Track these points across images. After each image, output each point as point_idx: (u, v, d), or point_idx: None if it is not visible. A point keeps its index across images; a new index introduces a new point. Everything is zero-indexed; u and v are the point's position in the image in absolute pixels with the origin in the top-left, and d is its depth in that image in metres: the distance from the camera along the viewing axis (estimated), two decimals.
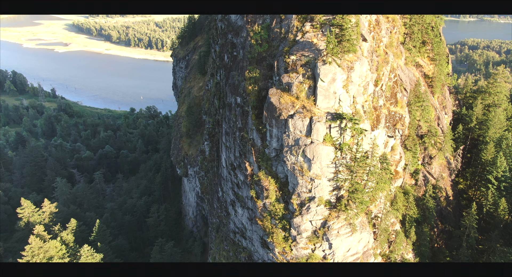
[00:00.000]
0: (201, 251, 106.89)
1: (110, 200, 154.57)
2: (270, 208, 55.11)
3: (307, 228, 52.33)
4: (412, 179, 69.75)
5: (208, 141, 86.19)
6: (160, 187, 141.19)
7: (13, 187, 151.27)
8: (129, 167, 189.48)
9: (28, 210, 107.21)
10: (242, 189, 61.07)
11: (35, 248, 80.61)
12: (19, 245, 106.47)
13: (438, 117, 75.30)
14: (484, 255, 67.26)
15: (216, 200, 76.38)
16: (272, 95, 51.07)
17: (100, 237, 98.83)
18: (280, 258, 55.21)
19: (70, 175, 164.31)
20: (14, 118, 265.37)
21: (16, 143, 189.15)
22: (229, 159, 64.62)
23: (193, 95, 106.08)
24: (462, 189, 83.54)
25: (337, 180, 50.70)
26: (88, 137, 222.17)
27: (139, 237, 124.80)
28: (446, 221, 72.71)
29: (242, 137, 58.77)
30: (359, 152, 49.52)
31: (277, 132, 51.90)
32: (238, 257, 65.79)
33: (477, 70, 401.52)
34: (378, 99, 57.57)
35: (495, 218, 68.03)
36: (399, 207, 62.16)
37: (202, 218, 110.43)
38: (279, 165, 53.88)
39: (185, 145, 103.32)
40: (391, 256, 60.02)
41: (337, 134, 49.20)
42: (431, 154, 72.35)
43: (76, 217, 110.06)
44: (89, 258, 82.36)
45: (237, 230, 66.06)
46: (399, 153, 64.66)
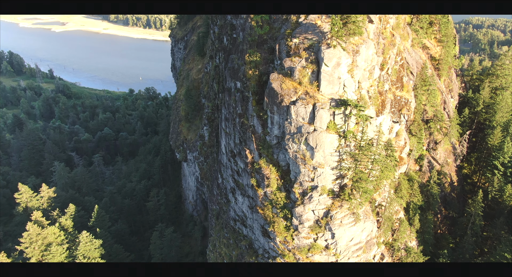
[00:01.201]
0: (201, 236, 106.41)
1: (110, 183, 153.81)
2: (271, 197, 53.57)
3: (309, 217, 50.90)
4: (417, 165, 68.09)
5: (207, 126, 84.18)
6: (160, 171, 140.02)
7: (11, 171, 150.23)
8: (128, 150, 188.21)
9: (26, 195, 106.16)
10: (243, 177, 59.43)
11: (33, 235, 79.74)
12: (19, 228, 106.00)
13: (444, 101, 73.06)
14: (488, 242, 66.34)
15: (216, 186, 74.94)
16: (274, 80, 48.75)
17: (99, 222, 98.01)
18: (282, 247, 54.04)
19: (69, 158, 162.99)
20: (11, 99, 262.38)
21: (13, 125, 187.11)
22: (228, 145, 62.75)
23: (192, 78, 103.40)
24: (466, 174, 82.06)
25: (340, 168, 48.94)
26: (86, 119, 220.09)
27: (139, 221, 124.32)
28: (450, 207, 71.49)
29: (242, 123, 56.72)
30: (364, 140, 47.61)
31: (278, 119, 49.82)
32: (239, 245, 64.75)
33: (481, 50, 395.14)
34: (384, 83, 55.26)
35: (500, 205, 66.82)
36: (403, 195, 60.70)
37: (202, 202, 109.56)
38: (281, 153, 52.04)
39: (184, 129, 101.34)
40: (394, 245, 58.89)
41: (341, 121, 47.14)
42: (437, 140, 70.45)
43: (74, 202, 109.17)
44: (88, 244, 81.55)
45: (237, 217, 64.81)
46: (403, 139, 62.75)
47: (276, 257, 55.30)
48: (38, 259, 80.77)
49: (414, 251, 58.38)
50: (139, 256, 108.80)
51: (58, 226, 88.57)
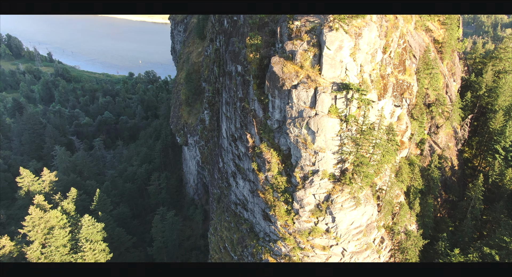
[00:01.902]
0: (203, 219, 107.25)
1: (111, 167, 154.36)
2: (272, 181, 53.65)
3: (310, 201, 51.10)
4: (418, 149, 67.98)
5: (208, 110, 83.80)
6: (161, 155, 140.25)
7: (13, 155, 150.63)
8: (129, 134, 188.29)
9: (28, 179, 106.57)
10: (243, 161, 59.42)
11: (35, 219, 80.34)
12: (21, 212, 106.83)
13: (447, 85, 72.44)
14: (487, 225, 66.79)
15: (217, 170, 75.07)
16: (275, 63, 48.19)
17: (101, 206, 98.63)
18: (282, 231, 54.44)
19: (69, 142, 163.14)
20: (11, 83, 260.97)
21: (13, 109, 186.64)
22: (229, 129, 62.53)
23: (192, 61, 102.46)
24: (467, 158, 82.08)
25: (341, 153, 48.85)
26: (86, 103, 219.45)
27: (140, 205, 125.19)
28: (450, 191, 71.71)
29: (243, 107, 56.37)
30: (366, 124, 47.39)
31: (279, 103, 49.45)
32: (240, 228, 65.23)
33: (484, 33, 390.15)
34: (386, 67, 54.57)
35: (501, 189, 67.02)
36: (404, 179, 60.77)
37: (203, 186, 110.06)
38: (282, 137, 51.86)
39: (185, 113, 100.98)
40: (394, 228, 59.29)
41: (343, 105, 46.80)
42: (438, 124, 70.15)
43: (76, 186, 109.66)
44: (90, 227, 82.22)
45: (238, 201, 65.09)
46: (405, 123, 62.43)
47: (277, 240, 55.77)
48: (41, 242, 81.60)
49: (414, 235, 58.83)
50: (141, 239, 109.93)
51: (60, 210, 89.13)
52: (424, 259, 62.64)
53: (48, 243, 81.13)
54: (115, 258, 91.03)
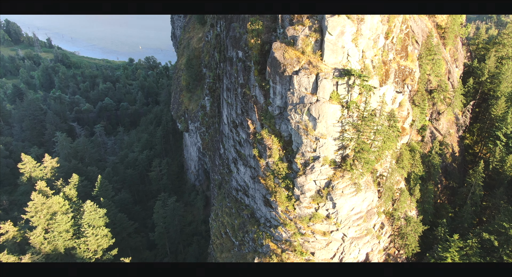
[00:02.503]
0: (204, 205, 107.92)
1: (112, 153, 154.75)
2: (273, 167, 53.80)
3: (310, 187, 51.32)
4: (419, 136, 67.93)
5: (208, 96, 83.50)
6: (161, 141, 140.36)
7: (14, 141, 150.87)
8: (130, 120, 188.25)
9: (30, 165, 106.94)
10: (244, 147, 59.49)
11: (38, 204, 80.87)
12: (24, 198, 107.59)
13: (449, 71, 71.95)
14: (487, 211, 67.13)
15: (218, 157, 75.22)
16: (276, 49, 47.78)
17: (103, 192, 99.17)
18: (283, 217, 54.84)
19: (70, 128, 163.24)
20: (10, 69, 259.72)
21: (13, 95, 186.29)
22: (230, 116, 62.42)
23: (193, 47, 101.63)
24: (468, 144, 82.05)
25: (343, 139, 48.84)
26: (87, 89, 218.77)
27: (142, 191, 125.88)
28: (450, 177, 71.90)
29: (244, 93, 56.15)
30: (367, 111, 47.25)
31: (281, 89, 49.23)
32: (241, 214, 65.70)
33: (488, 18, 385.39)
34: (388, 52, 54.11)
35: (501, 175, 67.15)
36: (404, 165, 60.89)
37: (204, 172, 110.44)
38: (283, 124, 51.79)
39: (185, 99, 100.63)
40: (394, 214, 59.67)
41: (345, 91, 46.58)
42: (440, 110, 69.93)
43: (77, 172, 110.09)
44: (92, 213, 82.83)
45: (239, 187, 65.40)
46: (406, 109, 62.23)
47: (277, 226, 56.22)
48: (44, 227, 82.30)
49: (413, 221, 59.23)
50: (143, 224, 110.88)
51: (63, 196, 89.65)
52: (424, 245, 63.21)
53: (51, 229, 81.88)
54: (117, 243, 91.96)
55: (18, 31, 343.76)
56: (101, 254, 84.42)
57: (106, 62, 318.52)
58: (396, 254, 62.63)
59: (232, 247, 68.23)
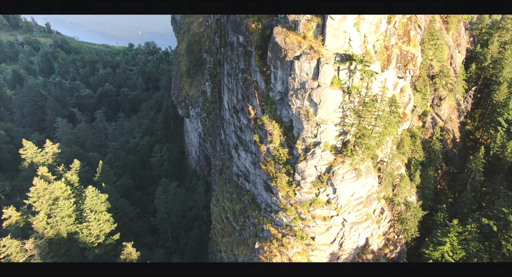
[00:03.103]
0: (205, 190, 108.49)
1: (113, 139, 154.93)
2: (274, 152, 53.90)
3: (311, 173, 51.50)
4: (420, 121, 67.81)
5: (209, 81, 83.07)
6: (162, 127, 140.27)
7: (15, 127, 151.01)
8: (130, 106, 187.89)
9: (31, 151, 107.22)
10: (245, 133, 59.49)
11: (40, 190, 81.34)
12: (26, 183, 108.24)
13: (451, 56, 71.37)
14: (486, 197, 67.46)
15: (219, 142, 75.27)
16: (277, 34, 47.34)
17: (104, 177, 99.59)
18: (284, 202, 55.18)
19: (71, 114, 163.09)
20: (9, 54, 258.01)
21: (13, 81, 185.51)
22: (231, 101, 62.24)
23: (193, 32, 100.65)
24: (469, 130, 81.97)
25: (344, 125, 48.78)
26: (87, 75, 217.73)
27: (143, 176, 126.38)
28: (451, 163, 72.07)
29: (245, 79, 55.86)
30: (368, 96, 47.07)
31: (282, 74, 48.96)
32: (242, 199, 66.11)
33: None
34: (390, 37, 53.58)
35: (501, 161, 67.28)
36: (405, 151, 60.95)
37: (205, 158, 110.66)
38: (284, 109, 51.66)
39: (186, 85, 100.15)
40: (394, 199, 60.02)
41: (346, 76, 46.32)
42: (441, 96, 69.63)
43: (79, 158, 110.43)
44: (94, 198, 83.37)
45: (240, 173, 65.65)
46: (408, 95, 61.96)
47: (278, 211, 56.63)
48: (47, 212, 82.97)
49: (413, 206, 59.59)
50: (144, 209, 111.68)
51: (64, 181, 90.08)
52: (423, 230, 63.75)
53: (53, 214, 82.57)
54: (119, 228, 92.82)
55: (17, 16, 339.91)
56: (104, 238, 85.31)
57: (105, 47, 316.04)
58: (395, 239, 63.23)
59: (233, 232, 68.89)
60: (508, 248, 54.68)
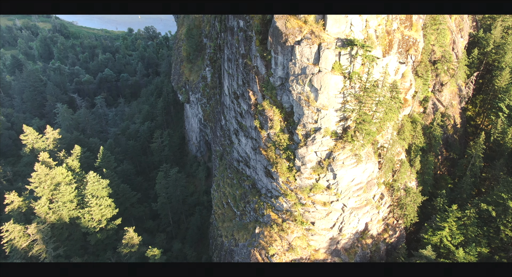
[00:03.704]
0: (205, 176, 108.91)
1: (113, 125, 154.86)
2: (275, 138, 53.95)
3: (311, 158, 51.62)
4: (421, 107, 67.57)
5: (209, 67, 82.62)
6: (163, 112, 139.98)
7: (15, 112, 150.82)
8: (130, 91, 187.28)
9: (32, 137, 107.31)
10: (246, 119, 59.42)
11: (41, 175, 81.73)
12: (27, 169, 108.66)
13: (454, 41, 70.68)
14: (486, 182, 67.70)
15: (219, 128, 75.27)
16: (278, 18, 46.88)
17: (105, 163, 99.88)
18: (284, 187, 55.46)
19: (71, 100, 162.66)
20: (8, 40, 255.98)
21: (13, 67, 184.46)
22: (231, 87, 62.00)
23: (193, 16, 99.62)
24: (470, 116, 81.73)
25: (344, 110, 48.68)
26: (86, 60, 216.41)
27: (144, 162, 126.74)
28: (451, 149, 72.11)
29: (245, 64, 55.53)
30: (369, 82, 46.83)
31: (282, 59, 48.64)
32: (242, 184, 66.44)
33: None
34: (392, 22, 53.02)
35: (502, 147, 67.25)
36: (405, 137, 60.90)
37: (205, 144, 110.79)
38: (284, 95, 51.50)
39: (186, 70, 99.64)
40: (394, 185, 60.27)
41: (347, 62, 46.04)
42: (443, 81, 69.22)
43: (80, 143, 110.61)
44: (95, 184, 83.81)
45: (240, 158, 65.82)
46: (409, 80, 61.61)
47: (278, 196, 56.95)
48: (49, 197, 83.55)
49: (413, 191, 59.86)
50: (145, 195, 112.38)
51: (65, 167, 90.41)
52: (422, 215, 64.21)
53: (55, 199, 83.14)
54: (121, 213, 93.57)
55: None
56: (105, 223, 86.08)
57: (105, 32, 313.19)
58: (394, 224, 63.73)
59: (234, 217, 69.46)
60: (506, 233, 55.16)
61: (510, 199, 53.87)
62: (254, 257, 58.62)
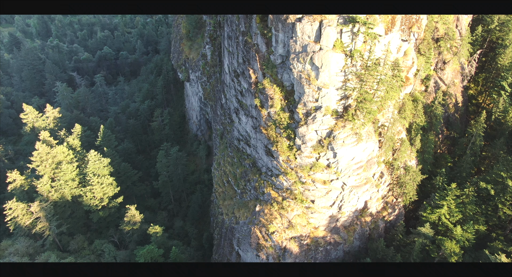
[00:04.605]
0: (206, 154, 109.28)
1: (113, 103, 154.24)
2: (275, 117, 53.78)
3: (312, 137, 51.60)
4: (423, 86, 67.07)
5: (209, 44, 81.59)
6: (163, 91, 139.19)
7: (14, 91, 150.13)
8: (130, 69, 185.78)
9: (32, 116, 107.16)
10: (246, 97, 59.10)
11: (43, 154, 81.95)
12: (28, 148, 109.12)
13: (457, 18, 69.45)
14: (485, 161, 67.86)
15: (220, 107, 74.99)
16: None
17: (106, 142, 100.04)
18: (284, 166, 55.67)
19: (70, 78, 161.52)
20: (5, 17, 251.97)
21: (10, 44, 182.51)
22: (232, 65, 61.39)
23: None
24: (471, 95, 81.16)
25: (345, 89, 48.35)
26: (84, 38, 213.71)
27: (145, 141, 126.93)
28: (452, 127, 71.97)
29: (245, 42, 54.80)
30: (371, 60, 46.32)
31: (283, 37, 47.94)
32: (243, 163, 66.68)
33: None
34: None
35: (503, 125, 67.07)
36: (406, 115, 60.63)
37: (206, 122, 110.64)
38: (285, 73, 51.02)
39: (186, 48, 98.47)
40: (394, 164, 60.47)
41: (349, 39, 45.40)
42: (445, 59, 68.42)
43: (80, 122, 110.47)
44: (97, 162, 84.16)
45: (241, 137, 65.82)
46: (411, 59, 60.87)
47: (279, 175, 57.25)
48: (50, 176, 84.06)
49: (413, 170, 60.13)
50: (146, 173, 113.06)
51: (66, 146, 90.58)
52: (421, 193, 64.67)
53: (57, 177, 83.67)
54: (123, 191, 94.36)
55: None
56: (107, 201, 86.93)
57: None
58: (394, 202, 64.31)
59: (234, 195, 70.05)
60: (504, 211, 55.72)
61: (510, 177, 54.15)
62: (255, 235, 59.45)
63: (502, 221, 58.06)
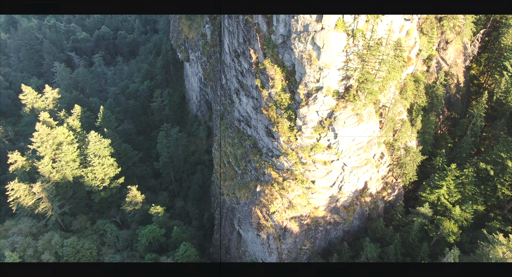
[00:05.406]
0: (206, 135, 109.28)
1: (112, 84, 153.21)
2: (276, 97, 53.54)
3: (313, 118, 51.51)
4: (425, 66, 66.53)
5: (209, 24, 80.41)
6: (162, 71, 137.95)
7: (12, 72, 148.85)
8: (128, 49, 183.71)
9: (31, 97, 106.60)
10: (247, 78, 58.68)
11: (43, 135, 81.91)
12: (28, 128, 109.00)
13: None
14: (486, 142, 67.96)
15: (220, 87, 74.54)
16: None
17: (106, 122, 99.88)
18: (285, 147, 55.75)
19: (68, 58, 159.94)
20: None
21: (7, 24, 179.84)
22: (232, 45, 60.69)
23: None
24: (473, 75, 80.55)
25: (347, 69, 47.96)
26: (82, 17, 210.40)
27: (145, 121, 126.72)
28: (453, 108, 71.75)
29: (246, 21, 54.00)
30: (373, 39, 45.79)
31: (284, 16, 47.22)
32: (243, 144, 66.75)
33: None
34: None
35: (504, 106, 66.92)
36: (408, 96, 60.38)
37: (206, 103, 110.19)
38: (286, 53, 50.51)
39: (185, 27, 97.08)
40: (394, 144, 60.56)
41: (351, 19, 44.76)
42: (448, 39, 67.63)
43: (79, 103, 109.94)
44: (97, 143, 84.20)
45: (241, 118, 65.69)
46: (414, 38, 60.15)
47: (279, 155, 57.40)
48: (51, 157, 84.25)
49: (413, 151, 60.28)
50: (147, 154, 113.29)
51: (67, 126, 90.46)
52: (421, 174, 65.00)
53: (58, 158, 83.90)
54: (124, 172, 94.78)
55: None
56: (109, 182, 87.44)
57: None
58: (393, 183, 64.73)
59: (235, 176, 70.41)
60: (503, 192, 56.17)
61: (509, 158, 54.34)
62: (255, 215, 60.06)
63: (500, 201, 58.60)
